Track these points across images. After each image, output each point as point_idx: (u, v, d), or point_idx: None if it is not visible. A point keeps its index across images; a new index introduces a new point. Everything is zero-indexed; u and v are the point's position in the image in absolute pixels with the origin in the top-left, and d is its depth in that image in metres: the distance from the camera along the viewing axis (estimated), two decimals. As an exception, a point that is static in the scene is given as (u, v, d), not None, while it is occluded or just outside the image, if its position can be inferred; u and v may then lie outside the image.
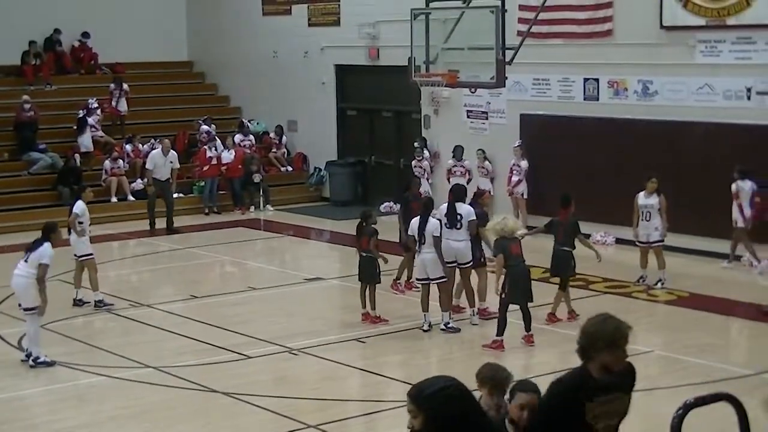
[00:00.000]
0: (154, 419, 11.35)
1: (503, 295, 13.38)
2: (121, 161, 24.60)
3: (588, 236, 16.64)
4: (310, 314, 15.64)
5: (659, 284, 16.55)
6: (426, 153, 23.12)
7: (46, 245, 13.03)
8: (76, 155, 24.46)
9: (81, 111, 25.46)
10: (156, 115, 27.59)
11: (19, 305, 13.14)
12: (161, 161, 22.57)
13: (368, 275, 14.80)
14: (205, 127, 26.28)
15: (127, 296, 16.58)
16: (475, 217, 14.39)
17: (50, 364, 12.99)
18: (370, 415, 11.42)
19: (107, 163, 24.40)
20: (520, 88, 21.55)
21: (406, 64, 17.11)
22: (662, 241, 16.66)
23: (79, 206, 15.86)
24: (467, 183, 21.45)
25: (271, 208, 25.09)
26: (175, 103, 28.33)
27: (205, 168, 24.95)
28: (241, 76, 28.23)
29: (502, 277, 13.29)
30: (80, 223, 15.76)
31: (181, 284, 18.16)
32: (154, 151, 23.02)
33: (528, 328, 13.54)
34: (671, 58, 19.25)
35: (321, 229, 23.36)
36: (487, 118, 22.55)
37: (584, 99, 20.68)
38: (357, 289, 15.02)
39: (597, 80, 20.45)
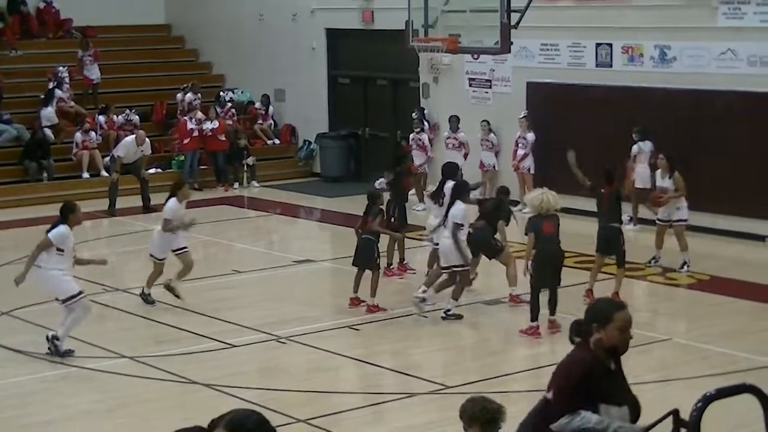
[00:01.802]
0: (129, 413, 11.36)
1: (531, 278, 13.46)
2: (93, 133, 24.46)
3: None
4: (300, 299, 15.62)
5: (685, 268, 16.50)
6: (425, 124, 23.08)
7: (60, 227, 12.82)
8: (46, 129, 24.32)
9: (51, 82, 25.32)
10: (131, 83, 27.50)
11: (57, 299, 12.93)
12: (133, 150, 22.43)
13: (364, 259, 14.77)
14: (192, 95, 26.09)
15: (100, 280, 16.48)
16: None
17: (69, 352, 12.87)
18: (364, 409, 11.45)
19: (78, 136, 24.28)
20: (526, 54, 21.50)
21: (403, 27, 17.09)
22: (686, 221, 16.66)
23: (171, 207, 15.13)
24: (465, 157, 21.44)
25: (257, 185, 25.08)
26: (152, 70, 28.25)
27: (186, 141, 24.85)
28: (224, 40, 28.12)
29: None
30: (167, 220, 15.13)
31: (159, 267, 18.16)
32: (127, 139, 22.77)
33: (552, 312, 13.53)
34: (691, 21, 19.20)
35: (311, 207, 23.38)
36: (490, 87, 22.51)
37: (596, 66, 20.64)
38: (350, 272, 15.03)
39: (610, 45, 20.39)
